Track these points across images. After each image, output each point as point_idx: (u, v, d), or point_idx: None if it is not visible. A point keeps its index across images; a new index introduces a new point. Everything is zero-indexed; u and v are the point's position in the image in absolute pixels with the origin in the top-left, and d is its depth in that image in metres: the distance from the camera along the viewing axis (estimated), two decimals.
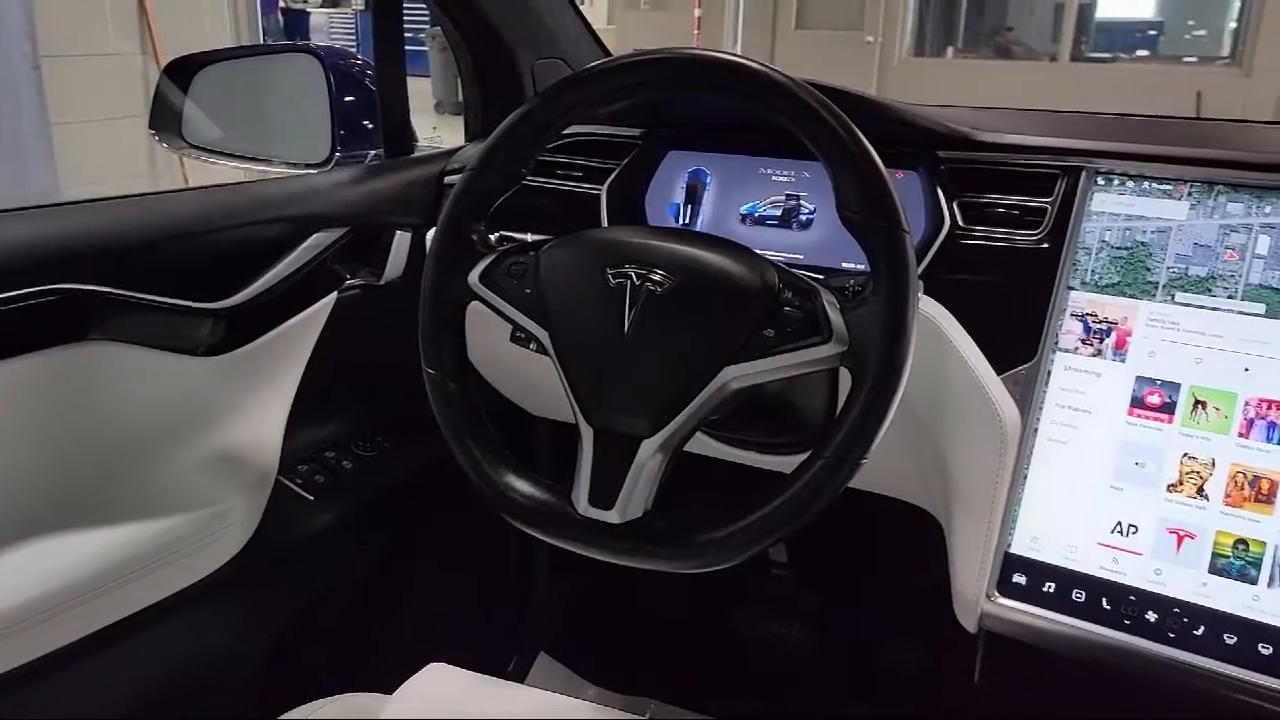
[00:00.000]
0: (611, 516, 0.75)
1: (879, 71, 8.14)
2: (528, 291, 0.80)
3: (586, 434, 0.76)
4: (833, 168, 0.74)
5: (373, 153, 1.27)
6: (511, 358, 0.94)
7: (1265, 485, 0.81)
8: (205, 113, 1.39)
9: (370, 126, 1.28)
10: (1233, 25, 7.64)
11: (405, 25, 1.23)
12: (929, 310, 0.91)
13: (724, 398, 0.75)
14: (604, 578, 1.52)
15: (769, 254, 0.79)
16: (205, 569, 1.03)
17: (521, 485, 0.79)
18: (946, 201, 0.96)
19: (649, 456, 0.75)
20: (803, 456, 0.73)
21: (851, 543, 1.34)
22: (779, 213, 1.05)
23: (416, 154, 1.25)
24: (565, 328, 0.78)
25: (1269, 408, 0.82)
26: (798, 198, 1.05)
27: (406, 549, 1.34)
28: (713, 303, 0.75)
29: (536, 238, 0.84)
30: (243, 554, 1.06)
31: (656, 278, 0.76)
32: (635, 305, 0.76)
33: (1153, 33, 8.35)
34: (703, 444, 1.02)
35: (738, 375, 0.74)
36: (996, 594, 0.88)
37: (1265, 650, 0.78)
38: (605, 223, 1.09)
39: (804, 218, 1.04)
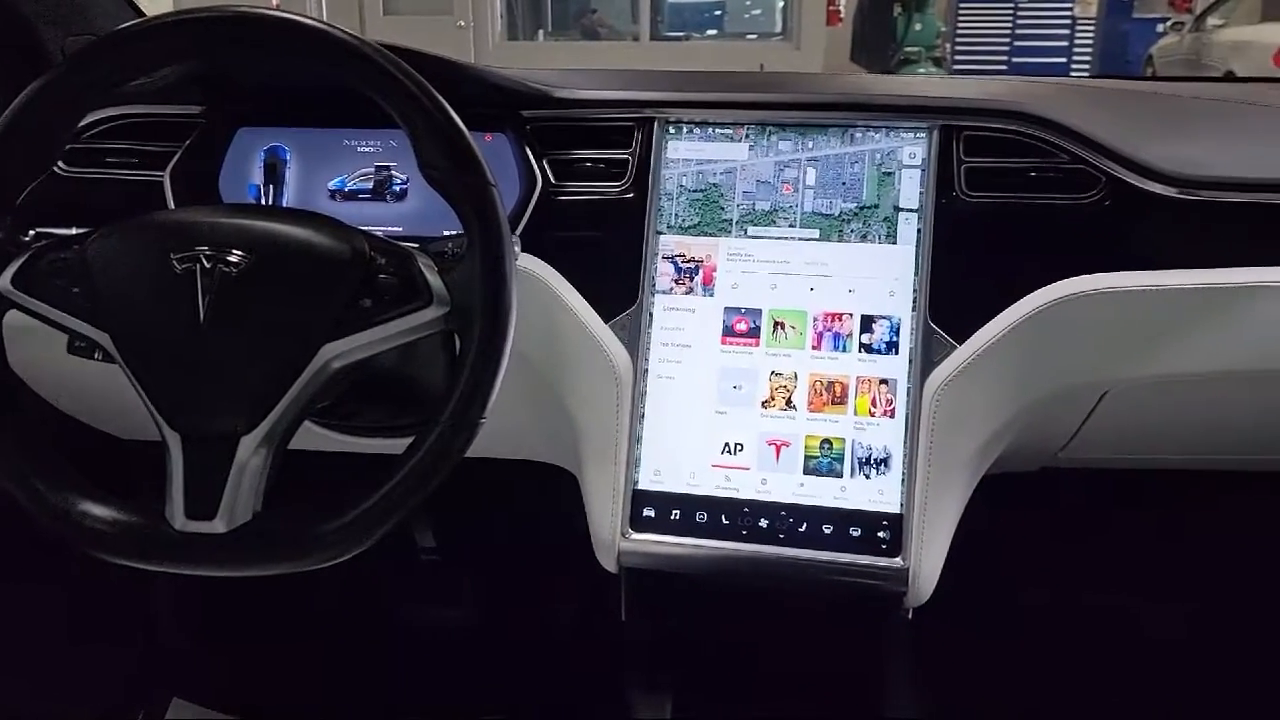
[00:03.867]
0: (216, 526, 0.68)
1: (475, 55, 8.21)
2: (76, 291, 0.70)
3: (173, 440, 0.69)
4: (409, 126, 0.71)
5: None
6: (74, 373, 0.81)
7: (838, 389, 0.91)
8: None
9: None
10: (781, 5, 8.61)
11: None
12: (534, 268, 0.92)
13: (327, 378, 0.71)
14: (234, 598, 1.39)
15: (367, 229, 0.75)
16: None
17: (99, 510, 0.69)
18: (536, 160, 0.98)
19: (250, 453, 0.69)
20: None
21: (497, 513, 1.34)
22: (370, 185, 1.01)
23: None
24: (129, 326, 0.70)
25: (833, 320, 0.92)
26: (388, 168, 1.01)
27: None
28: (299, 278, 0.70)
29: (81, 231, 0.73)
30: None
31: (232, 259, 0.69)
32: (209, 291, 0.69)
33: (719, 13, 9.20)
34: (320, 437, 0.96)
35: (339, 352, 0.70)
36: (630, 530, 0.91)
37: (855, 533, 0.89)
38: None
39: (397, 188, 1.01)
